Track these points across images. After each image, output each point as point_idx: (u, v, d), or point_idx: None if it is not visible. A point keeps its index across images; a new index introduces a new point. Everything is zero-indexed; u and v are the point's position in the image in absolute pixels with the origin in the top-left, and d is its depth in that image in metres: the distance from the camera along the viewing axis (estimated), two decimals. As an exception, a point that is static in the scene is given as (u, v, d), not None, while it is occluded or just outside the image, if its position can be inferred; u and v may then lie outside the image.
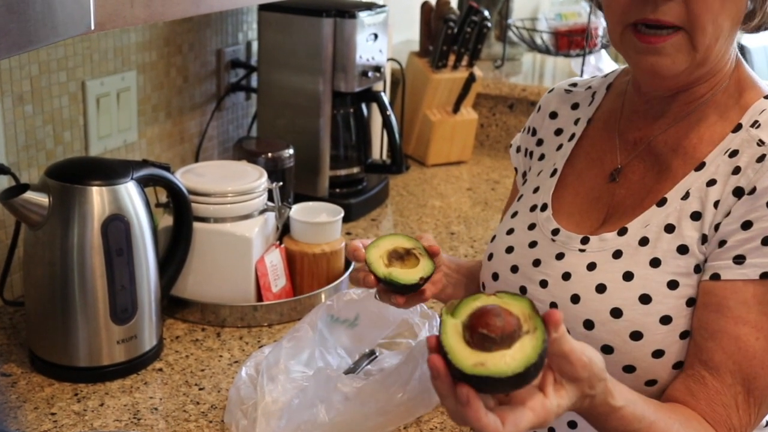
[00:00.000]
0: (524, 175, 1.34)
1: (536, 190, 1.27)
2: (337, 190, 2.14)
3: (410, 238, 1.22)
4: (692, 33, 1.04)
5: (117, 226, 1.35)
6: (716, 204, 1.06)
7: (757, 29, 1.11)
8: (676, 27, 1.04)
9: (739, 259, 1.02)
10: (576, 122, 1.28)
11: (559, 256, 1.16)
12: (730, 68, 1.13)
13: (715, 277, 1.04)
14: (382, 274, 1.17)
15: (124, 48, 1.79)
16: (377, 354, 1.45)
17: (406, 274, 1.17)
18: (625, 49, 1.10)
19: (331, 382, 1.25)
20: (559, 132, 1.30)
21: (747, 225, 1.02)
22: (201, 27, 2.02)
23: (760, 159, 1.04)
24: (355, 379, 1.28)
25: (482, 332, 0.79)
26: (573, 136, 1.27)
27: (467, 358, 0.78)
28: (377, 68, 2.11)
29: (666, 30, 1.04)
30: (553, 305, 1.14)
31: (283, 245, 1.68)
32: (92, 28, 0.92)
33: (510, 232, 1.25)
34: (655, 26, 1.04)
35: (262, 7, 2.04)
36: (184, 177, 1.60)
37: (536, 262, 1.18)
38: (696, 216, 1.08)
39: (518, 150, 1.37)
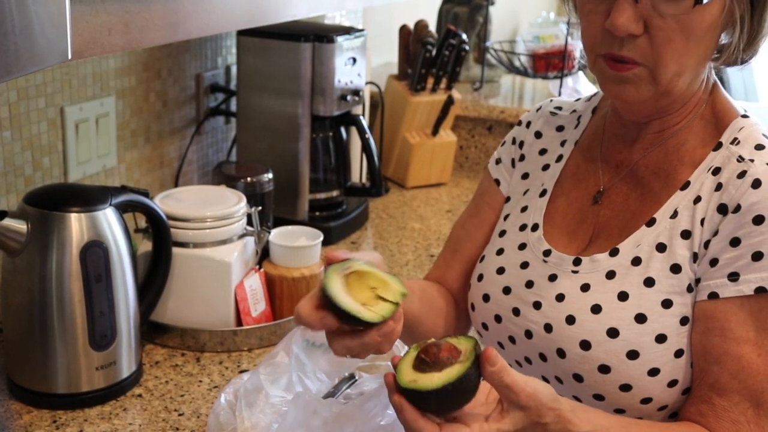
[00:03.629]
0: (507, 185, 1.35)
1: (524, 209, 1.28)
2: (317, 213, 2.14)
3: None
4: (654, 69, 1.07)
5: (96, 253, 1.35)
6: (702, 221, 1.09)
7: (725, 65, 1.13)
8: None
9: (734, 276, 1.05)
10: (562, 144, 1.30)
11: (552, 278, 1.18)
12: (703, 96, 1.16)
13: (713, 296, 1.06)
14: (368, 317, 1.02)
15: (103, 74, 1.80)
16: (357, 378, 1.45)
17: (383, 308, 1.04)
18: (597, 74, 1.14)
19: (310, 406, 1.25)
20: (543, 152, 1.31)
21: (735, 242, 1.05)
22: (180, 52, 2.03)
23: (741, 175, 1.07)
24: (335, 403, 1.28)
25: (421, 357, 0.97)
26: (561, 157, 1.29)
27: (407, 376, 0.96)
28: (356, 92, 2.12)
29: (628, 61, 1.07)
30: (548, 327, 1.15)
31: (262, 269, 1.69)
32: (69, 57, 0.92)
33: (500, 252, 1.26)
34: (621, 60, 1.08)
35: (241, 32, 2.05)
36: (163, 202, 1.60)
37: (529, 284, 1.20)
38: (686, 234, 1.10)
39: (498, 162, 1.37)
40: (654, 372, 1.08)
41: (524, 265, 1.21)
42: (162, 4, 1.24)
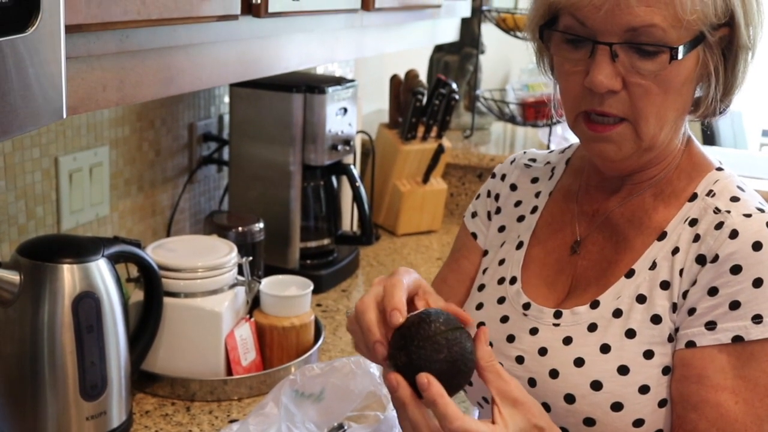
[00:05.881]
0: (484, 238, 1.36)
1: (502, 262, 1.29)
2: (308, 261, 2.16)
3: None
4: (636, 124, 1.10)
5: (88, 304, 1.36)
6: (681, 272, 1.11)
7: (704, 117, 1.17)
8: (621, 118, 1.10)
9: (711, 325, 1.06)
10: (537, 195, 1.32)
11: (533, 331, 1.19)
12: (680, 149, 1.19)
13: (691, 344, 1.08)
14: None
15: (97, 124, 1.82)
16: (346, 427, 1.46)
17: None
18: (578, 133, 1.17)
19: (298, 458, 1.26)
20: (518, 204, 1.33)
21: (713, 291, 1.07)
22: (173, 102, 2.05)
23: (718, 226, 1.09)
24: (323, 454, 1.29)
25: None
26: (536, 209, 1.30)
27: None
28: (347, 141, 2.15)
29: (612, 119, 1.10)
30: (532, 381, 1.16)
31: (252, 319, 1.70)
32: (64, 116, 0.94)
33: (479, 306, 1.27)
34: (603, 115, 1.10)
35: (234, 83, 2.08)
36: (155, 252, 1.62)
37: (510, 338, 1.20)
38: (665, 285, 1.12)
39: (474, 215, 1.39)
40: (639, 423, 1.09)
41: (504, 319, 1.23)
42: (156, 59, 1.26)
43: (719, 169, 1.18)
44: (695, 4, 1.03)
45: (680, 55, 1.05)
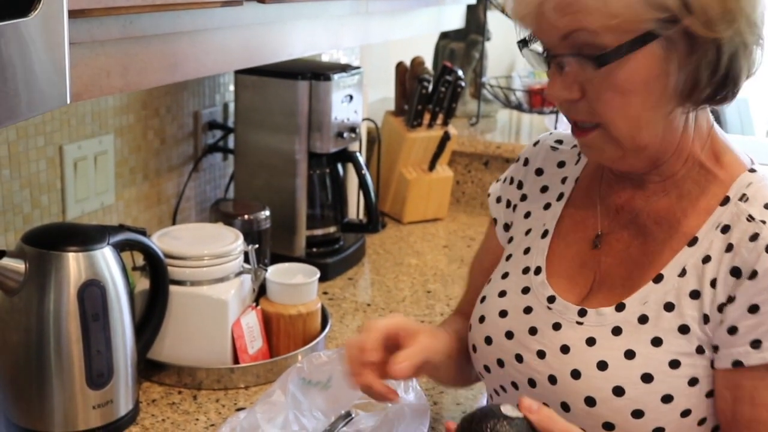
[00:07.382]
0: (506, 227, 1.35)
1: (527, 251, 1.26)
2: (314, 249, 2.15)
3: None
4: (607, 129, 1.08)
5: (93, 292, 1.36)
6: (713, 283, 1.07)
7: (697, 106, 1.08)
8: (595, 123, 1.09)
9: (756, 344, 1.03)
10: (563, 181, 1.28)
11: (556, 326, 1.16)
12: (697, 142, 1.13)
13: (738, 364, 1.04)
14: None
15: (102, 112, 1.82)
16: (353, 415, 1.45)
17: None
18: None
19: (306, 445, 1.25)
20: (544, 189, 1.30)
21: (754, 309, 1.03)
22: (178, 90, 2.04)
23: (753, 237, 1.04)
24: (331, 442, 1.29)
25: None
26: (561, 195, 1.27)
27: None
28: (353, 129, 2.14)
29: (589, 124, 1.09)
30: (552, 379, 1.14)
31: (259, 307, 1.69)
32: (68, 101, 0.93)
33: (502, 294, 1.25)
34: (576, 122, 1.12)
35: (239, 70, 2.07)
36: (161, 240, 1.61)
37: (532, 330, 1.18)
38: (695, 294, 1.08)
39: (498, 200, 1.37)
40: (659, 431, 1.08)
41: (527, 310, 1.20)
42: (160, 45, 1.26)
43: (752, 170, 1.13)
44: (617, 7, 0.99)
45: (614, 58, 1.01)
